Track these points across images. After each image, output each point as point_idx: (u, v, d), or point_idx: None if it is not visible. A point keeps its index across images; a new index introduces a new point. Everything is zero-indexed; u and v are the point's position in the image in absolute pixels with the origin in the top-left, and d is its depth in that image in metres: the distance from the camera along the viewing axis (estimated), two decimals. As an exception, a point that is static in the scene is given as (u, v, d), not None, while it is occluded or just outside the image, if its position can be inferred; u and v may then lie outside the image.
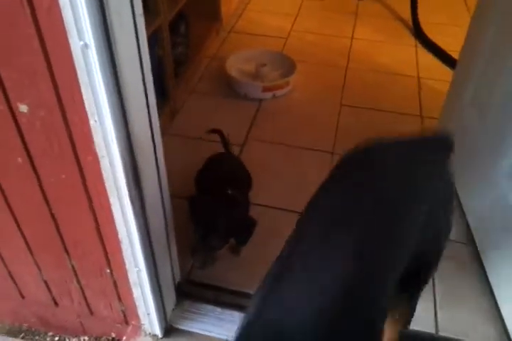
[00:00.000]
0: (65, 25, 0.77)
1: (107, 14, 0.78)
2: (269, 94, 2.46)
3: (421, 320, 1.46)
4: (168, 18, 2.06)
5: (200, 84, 2.57)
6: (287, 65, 2.58)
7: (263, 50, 2.73)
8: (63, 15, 0.76)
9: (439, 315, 1.49)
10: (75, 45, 0.79)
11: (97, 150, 0.93)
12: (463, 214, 1.81)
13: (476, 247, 1.68)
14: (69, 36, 0.78)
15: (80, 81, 0.84)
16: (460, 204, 1.85)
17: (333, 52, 2.91)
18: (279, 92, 2.47)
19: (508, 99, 1.55)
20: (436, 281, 1.59)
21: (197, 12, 2.67)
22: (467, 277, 1.61)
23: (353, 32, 3.14)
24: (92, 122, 0.89)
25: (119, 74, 0.85)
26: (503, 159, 1.53)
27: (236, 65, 2.61)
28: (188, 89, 2.49)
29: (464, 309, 1.51)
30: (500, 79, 1.59)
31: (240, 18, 3.25)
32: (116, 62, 0.84)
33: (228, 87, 2.52)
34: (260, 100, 2.45)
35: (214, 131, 1.87)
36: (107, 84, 0.84)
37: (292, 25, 3.20)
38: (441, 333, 1.43)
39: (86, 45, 0.78)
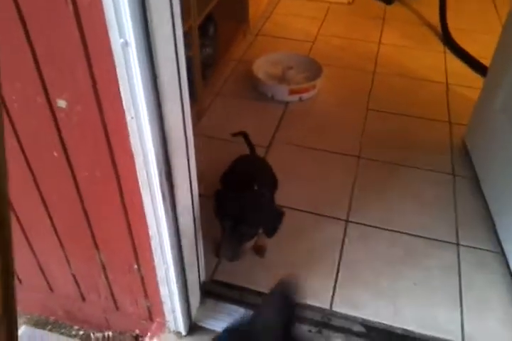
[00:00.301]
0: (107, 22, 0.78)
1: (147, 12, 0.79)
2: (295, 97, 2.46)
3: (448, 330, 1.44)
4: (198, 20, 2.08)
5: (226, 86, 2.58)
6: (314, 69, 2.58)
7: (290, 54, 2.73)
8: (105, 12, 0.77)
9: (465, 325, 1.46)
10: (116, 42, 0.80)
11: (132, 147, 0.94)
12: (492, 224, 1.77)
13: (505, 257, 1.65)
14: (110, 33, 0.79)
15: (119, 78, 0.85)
16: (490, 212, 1.81)
17: (360, 56, 2.90)
18: (305, 95, 2.47)
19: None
20: (463, 291, 1.56)
21: (225, 15, 2.69)
22: (496, 287, 1.58)
23: (380, 37, 3.12)
24: (128, 119, 0.90)
25: (156, 72, 0.86)
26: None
27: (263, 68, 2.62)
28: (215, 91, 2.51)
29: (492, 319, 1.48)
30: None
31: (267, 21, 3.26)
32: (155, 60, 0.85)
33: (254, 89, 2.53)
34: (286, 103, 2.45)
35: (239, 133, 1.88)
36: (145, 82, 0.85)
37: (319, 29, 3.19)
38: (468, 343, 1.40)
39: (126, 43, 0.79)
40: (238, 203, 1.38)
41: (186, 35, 2.00)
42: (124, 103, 0.89)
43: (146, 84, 0.85)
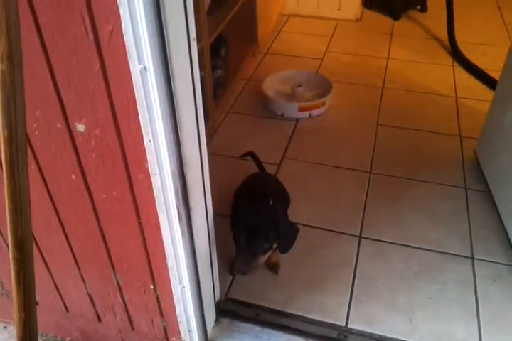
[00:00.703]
0: (126, 49, 0.80)
1: (165, 39, 0.82)
2: (305, 114, 2.48)
3: (465, 345, 1.43)
4: (209, 41, 2.13)
5: (237, 104, 2.61)
6: (323, 85, 2.61)
7: (299, 71, 2.76)
8: (125, 40, 0.79)
9: (483, 339, 1.44)
10: (135, 68, 0.82)
11: (150, 168, 0.96)
12: (507, 237, 1.76)
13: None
14: (129, 59, 0.82)
15: (137, 102, 0.87)
16: (503, 225, 1.80)
17: (369, 72, 2.93)
18: (315, 112, 2.49)
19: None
20: (480, 305, 1.55)
21: (235, 34, 2.74)
22: (513, 301, 1.56)
23: (388, 52, 3.15)
24: (146, 141, 0.92)
25: (174, 96, 0.88)
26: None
27: (273, 86, 2.65)
28: (226, 110, 2.54)
29: (510, 334, 1.46)
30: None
31: (275, 40, 3.31)
32: (172, 85, 0.87)
33: (265, 107, 2.56)
34: (297, 120, 2.47)
35: (246, 154, 1.91)
36: (162, 105, 0.87)
37: (327, 46, 3.23)
38: (485, 358, 1.39)
39: (145, 68, 0.82)
40: (254, 216, 1.39)
41: (198, 56, 2.05)
42: (142, 126, 0.91)
43: (164, 108, 0.88)
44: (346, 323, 1.49)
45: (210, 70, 2.18)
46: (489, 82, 2.70)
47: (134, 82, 0.85)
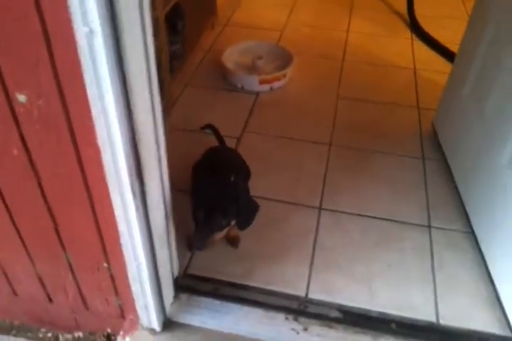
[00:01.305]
0: (69, 8, 0.73)
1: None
2: (266, 87, 2.44)
3: (422, 309, 1.47)
4: (164, 11, 2.03)
5: (195, 77, 2.54)
6: (284, 58, 2.56)
7: (259, 43, 2.70)
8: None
9: (439, 303, 1.49)
10: (80, 30, 0.75)
11: (99, 143, 0.91)
12: (462, 205, 1.81)
13: (475, 236, 1.69)
14: (73, 21, 0.75)
15: (84, 69, 0.80)
16: (459, 193, 1.85)
17: (330, 44, 2.90)
18: (276, 85, 2.45)
19: (508, 89, 1.55)
20: (436, 271, 1.60)
21: (192, 6, 2.63)
22: (467, 265, 1.62)
23: (349, 24, 3.13)
24: (94, 113, 0.87)
25: (124, 62, 0.82)
26: (502, 149, 1.53)
27: (232, 58, 2.58)
28: (184, 83, 2.46)
29: (464, 297, 1.52)
30: (500, 72, 1.59)
31: (235, 11, 3.22)
32: (122, 50, 0.80)
33: (224, 79, 2.50)
34: (257, 93, 2.43)
35: (206, 126, 1.86)
36: (111, 73, 0.80)
37: (288, 18, 3.17)
38: (442, 321, 1.44)
39: (91, 31, 0.75)
40: (213, 191, 1.36)
41: (153, 25, 1.95)
42: (89, 96, 0.85)
43: (114, 76, 0.81)
44: (306, 294, 1.50)
45: (166, 41, 2.09)
46: (447, 54, 2.73)
47: (79, 47, 0.78)
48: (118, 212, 1.01)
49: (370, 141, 2.15)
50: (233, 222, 1.39)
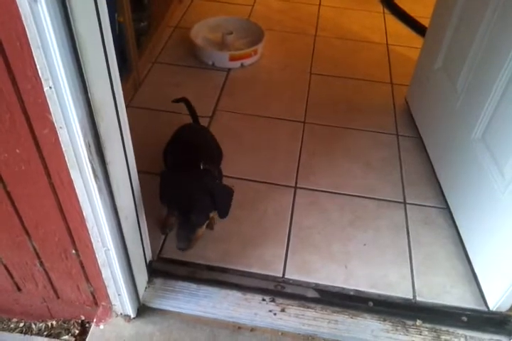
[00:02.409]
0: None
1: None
2: (236, 63, 2.36)
3: (399, 287, 1.47)
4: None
5: (163, 54, 2.44)
6: (255, 33, 2.48)
7: (229, 18, 2.61)
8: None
9: (416, 280, 1.49)
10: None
11: (54, 121, 0.84)
12: (437, 181, 1.81)
13: (450, 212, 1.69)
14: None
15: (30, 42, 0.74)
16: (434, 169, 1.84)
17: (301, 19, 2.83)
18: (247, 61, 2.38)
19: (479, 63, 1.53)
20: (412, 248, 1.59)
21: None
22: (443, 242, 1.62)
23: (320, -2, 3.06)
24: (46, 89, 0.80)
25: (74, 32, 0.76)
26: (474, 123, 1.52)
27: (201, 34, 2.49)
28: (152, 60, 2.37)
29: (440, 273, 1.52)
30: (472, 45, 1.57)
31: (203, -16, 3.10)
32: (71, 19, 0.74)
33: (194, 56, 2.41)
34: (228, 69, 2.36)
35: (180, 99, 1.78)
36: (62, 46, 0.75)
37: (259, -9, 3.08)
38: (419, 298, 1.44)
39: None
40: (185, 188, 1.29)
41: (115, -2, 1.85)
42: (39, 71, 0.78)
43: (64, 48, 0.75)
44: (283, 274, 1.48)
45: (130, 16, 1.99)
46: (419, 29, 2.70)
47: (23, 17, 0.71)
48: (81, 194, 0.95)
49: (344, 118, 2.12)
50: (212, 214, 1.35)
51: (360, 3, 3.04)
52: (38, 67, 0.77)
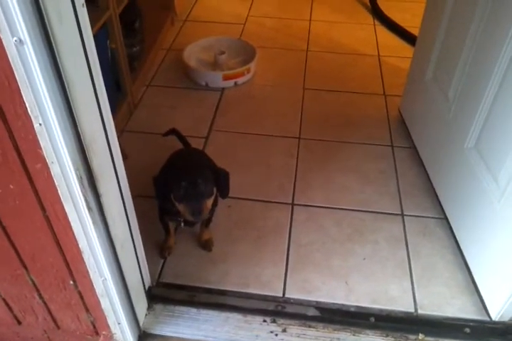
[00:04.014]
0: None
1: (41, 5, 0.70)
2: (230, 83, 2.39)
3: (400, 300, 1.46)
4: (118, 10, 1.96)
5: (157, 76, 2.47)
6: (247, 52, 2.52)
7: (221, 38, 2.65)
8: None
9: (416, 293, 1.49)
10: (8, 41, 0.71)
11: (46, 156, 0.86)
12: (434, 191, 1.81)
13: (448, 222, 1.69)
14: (0, 31, 0.70)
15: (19, 81, 0.76)
16: (430, 180, 1.85)
17: (293, 35, 2.87)
18: (240, 80, 2.41)
19: (469, 73, 1.55)
20: (412, 260, 1.59)
21: (149, 3, 2.56)
22: (442, 252, 1.62)
23: (310, 14, 3.10)
24: (36, 126, 0.82)
25: (62, 71, 0.78)
26: (467, 132, 1.53)
27: (194, 55, 2.53)
28: (145, 83, 2.40)
29: (441, 284, 1.52)
30: (462, 54, 1.58)
31: (194, 6, 3.15)
32: (58, 58, 0.76)
33: (188, 77, 2.44)
34: (222, 89, 2.38)
35: (169, 132, 1.80)
36: (49, 84, 0.76)
37: (249, 11, 3.13)
38: (420, 311, 1.43)
39: (20, 41, 0.71)
40: (187, 163, 1.43)
41: (107, 26, 1.88)
42: (29, 109, 0.80)
43: (51, 86, 0.77)
44: (283, 293, 1.47)
45: (122, 41, 2.02)
46: (410, 39, 2.73)
47: (10, 58, 0.74)
48: (75, 227, 0.96)
49: (338, 132, 2.13)
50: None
51: (350, 16, 3.08)
52: (27, 105, 0.79)
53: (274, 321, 1.38)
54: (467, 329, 1.38)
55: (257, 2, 3.23)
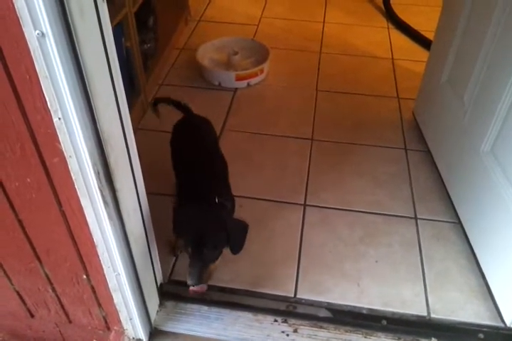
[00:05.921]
0: (17, 12, 0.69)
1: (64, -1, 0.71)
2: (243, 83, 2.39)
3: (412, 304, 1.45)
4: (134, 8, 1.97)
5: (170, 76, 2.48)
6: (260, 52, 2.52)
7: (234, 38, 2.65)
8: (13, 1, 0.68)
9: (429, 297, 1.47)
10: (30, 34, 0.71)
11: (64, 150, 0.86)
12: (447, 194, 1.79)
13: (462, 226, 1.67)
14: (23, 25, 0.70)
15: (39, 74, 0.76)
16: (443, 183, 1.83)
17: (306, 37, 2.86)
18: (253, 80, 2.41)
19: (485, 76, 1.53)
20: (425, 264, 1.58)
21: (164, 2, 2.57)
22: (455, 257, 1.60)
23: (324, 16, 3.10)
24: (55, 120, 0.82)
25: (82, 65, 0.78)
26: (483, 136, 1.51)
27: (208, 55, 2.53)
28: (159, 82, 2.41)
29: (454, 289, 1.50)
30: (478, 58, 1.57)
31: (208, 6, 3.16)
32: (79, 52, 0.76)
33: (201, 77, 2.45)
34: (235, 89, 2.39)
35: (160, 100, 1.75)
36: (70, 78, 0.77)
37: (262, 12, 3.13)
38: (433, 315, 1.42)
39: (43, 34, 0.71)
40: (198, 225, 1.24)
41: (122, 24, 1.89)
42: (48, 103, 0.80)
43: (71, 80, 0.77)
44: (295, 294, 1.47)
45: (137, 40, 2.03)
46: (424, 42, 2.72)
47: (32, 51, 0.74)
48: (91, 221, 0.96)
49: (351, 134, 2.12)
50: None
51: (364, 19, 3.07)
52: (47, 98, 0.79)
53: (285, 321, 1.37)
54: (481, 335, 1.36)
55: (270, 3, 3.23)
